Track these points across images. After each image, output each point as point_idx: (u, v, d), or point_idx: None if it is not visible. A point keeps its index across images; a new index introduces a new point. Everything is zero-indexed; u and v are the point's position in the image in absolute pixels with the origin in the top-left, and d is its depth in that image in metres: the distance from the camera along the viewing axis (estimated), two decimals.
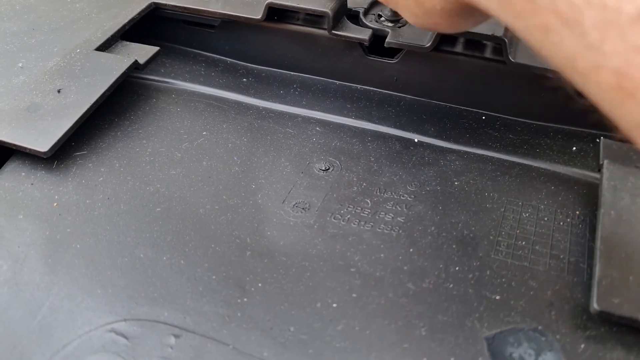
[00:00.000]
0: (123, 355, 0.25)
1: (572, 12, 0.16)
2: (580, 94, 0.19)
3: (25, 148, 0.32)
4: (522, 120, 0.39)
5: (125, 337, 0.25)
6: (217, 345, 0.25)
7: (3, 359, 0.25)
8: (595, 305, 0.25)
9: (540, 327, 0.26)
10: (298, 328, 0.26)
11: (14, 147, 0.33)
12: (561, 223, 0.31)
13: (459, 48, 0.38)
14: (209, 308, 0.27)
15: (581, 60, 0.17)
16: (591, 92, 0.18)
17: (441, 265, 0.29)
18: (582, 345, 0.25)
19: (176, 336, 0.26)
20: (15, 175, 0.33)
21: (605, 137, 0.35)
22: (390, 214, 0.32)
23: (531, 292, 0.28)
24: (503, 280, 0.28)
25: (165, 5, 0.43)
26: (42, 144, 0.32)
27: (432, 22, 0.27)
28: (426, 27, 0.29)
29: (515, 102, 0.39)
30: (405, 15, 0.29)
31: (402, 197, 0.33)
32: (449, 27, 0.27)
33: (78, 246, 0.29)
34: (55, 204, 0.32)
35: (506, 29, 0.36)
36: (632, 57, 0.15)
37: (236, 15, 0.42)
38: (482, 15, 0.22)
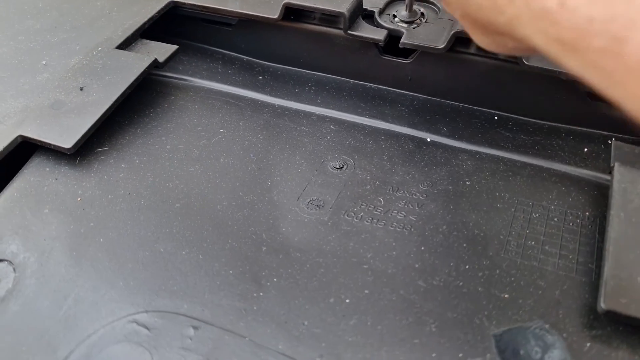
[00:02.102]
0: (145, 345, 0.26)
1: None
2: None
3: (50, 144, 0.34)
4: (534, 120, 0.39)
5: (147, 328, 0.27)
6: (234, 337, 0.26)
7: (31, 347, 0.26)
8: (602, 305, 0.26)
9: (547, 326, 0.27)
10: (312, 322, 0.27)
11: (39, 143, 0.34)
12: (571, 224, 0.32)
13: (472, 49, 0.39)
14: (226, 301, 0.28)
15: None
16: None
17: (452, 264, 0.30)
18: (588, 344, 0.26)
19: (195, 328, 0.27)
20: (40, 170, 0.34)
21: (616, 139, 0.35)
22: (403, 213, 0.32)
23: (539, 292, 0.28)
24: (512, 279, 0.29)
25: (184, 3, 0.44)
26: (66, 141, 0.34)
27: (504, 52, 0.27)
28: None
29: (527, 103, 0.39)
30: (477, 41, 0.29)
31: (414, 196, 0.34)
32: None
33: (101, 240, 0.31)
34: (79, 199, 0.33)
35: None
36: None
37: (253, 15, 0.42)
38: None
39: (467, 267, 0.29)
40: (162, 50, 0.41)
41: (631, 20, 0.16)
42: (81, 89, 0.37)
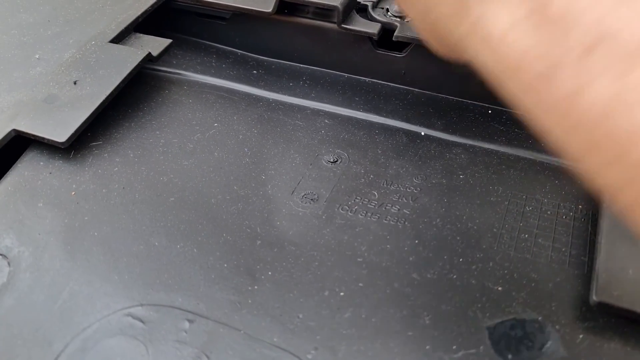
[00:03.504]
0: (140, 339, 0.26)
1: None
2: None
3: (44, 138, 0.34)
4: None
5: (142, 322, 0.27)
6: (229, 330, 0.27)
7: (26, 341, 0.26)
8: (594, 297, 0.26)
9: (540, 318, 0.27)
10: (306, 315, 0.27)
11: (33, 137, 0.34)
12: (564, 217, 0.32)
13: None
14: (221, 295, 0.28)
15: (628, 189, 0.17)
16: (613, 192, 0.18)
17: (445, 257, 0.30)
18: (581, 336, 0.26)
19: (190, 321, 0.27)
20: (34, 164, 0.34)
21: None
22: (397, 206, 0.33)
23: (532, 284, 0.28)
24: (505, 272, 0.29)
25: None
26: (60, 135, 0.33)
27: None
28: None
29: None
30: (433, 50, 0.29)
31: (408, 190, 0.34)
32: None
33: (96, 234, 0.31)
34: (73, 193, 0.33)
35: None
36: None
37: (247, 8, 0.42)
38: None
39: (460, 260, 0.30)
40: (156, 44, 0.40)
41: (562, 54, 0.17)
42: (75, 83, 0.37)
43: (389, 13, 0.41)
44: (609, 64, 0.16)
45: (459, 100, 0.41)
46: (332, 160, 0.36)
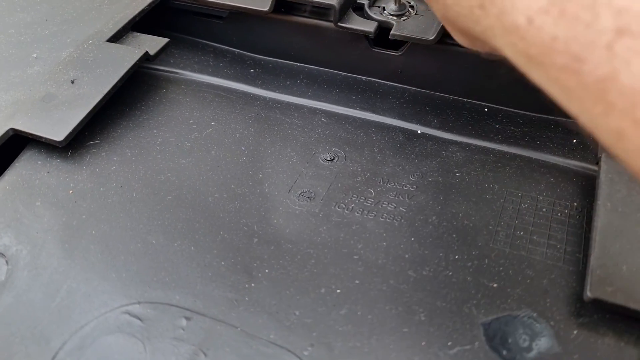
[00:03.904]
0: (137, 336, 0.26)
1: None
2: None
3: (42, 137, 0.34)
4: (524, 112, 0.40)
5: (140, 319, 0.27)
6: (226, 327, 0.27)
7: (25, 338, 0.26)
8: (588, 293, 0.26)
9: (535, 314, 0.27)
10: (303, 312, 0.27)
11: (31, 136, 0.34)
12: (559, 214, 0.32)
13: None
14: (218, 292, 0.28)
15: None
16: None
17: (441, 254, 0.30)
18: (575, 332, 0.26)
19: (187, 318, 0.27)
20: (31, 163, 0.34)
21: None
22: (393, 204, 0.33)
23: (528, 281, 0.29)
24: (501, 268, 0.29)
25: None
26: (58, 134, 0.34)
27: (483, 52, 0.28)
28: None
29: (517, 95, 0.40)
30: (457, 40, 0.29)
31: (404, 188, 0.34)
32: None
33: (93, 232, 0.31)
34: (70, 192, 0.33)
35: None
36: None
37: (244, 7, 0.42)
38: None
39: (456, 257, 0.30)
40: (153, 43, 0.41)
41: (590, 41, 0.17)
42: (72, 82, 0.37)
43: (385, 11, 0.41)
44: None
45: (455, 98, 0.41)
46: (328, 159, 0.36)
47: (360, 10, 0.42)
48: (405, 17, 0.40)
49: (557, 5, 0.18)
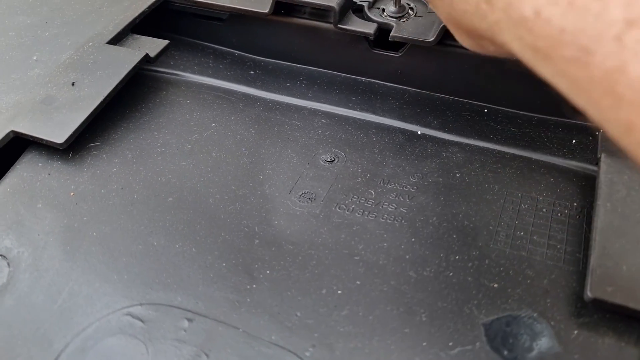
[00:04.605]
0: (140, 338, 0.26)
1: None
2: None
3: (42, 140, 0.34)
4: (524, 113, 0.40)
5: (141, 321, 0.27)
6: (228, 328, 0.27)
7: (27, 341, 0.26)
8: (589, 293, 0.26)
9: (535, 314, 0.27)
10: (304, 313, 0.27)
11: (31, 139, 0.34)
12: (559, 214, 0.32)
13: None
14: (219, 294, 0.28)
15: None
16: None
17: (442, 254, 0.30)
18: (576, 332, 0.27)
19: (189, 320, 0.27)
20: (32, 165, 0.34)
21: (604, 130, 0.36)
22: (393, 205, 0.33)
23: (528, 281, 0.29)
24: (501, 269, 0.29)
25: None
26: (59, 136, 0.34)
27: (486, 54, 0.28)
28: None
29: (517, 95, 0.40)
30: (460, 42, 0.29)
31: (404, 188, 0.34)
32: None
33: (94, 234, 0.31)
34: (71, 194, 0.33)
35: None
36: None
37: (244, 9, 0.42)
38: None
39: (457, 257, 0.30)
40: (153, 45, 0.41)
41: (599, 33, 0.17)
42: (72, 84, 0.37)
43: (385, 13, 0.41)
44: None
45: (455, 99, 0.41)
46: (329, 160, 0.36)
47: (360, 11, 0.42)
48: (405, 19, 0.40)
49: None
